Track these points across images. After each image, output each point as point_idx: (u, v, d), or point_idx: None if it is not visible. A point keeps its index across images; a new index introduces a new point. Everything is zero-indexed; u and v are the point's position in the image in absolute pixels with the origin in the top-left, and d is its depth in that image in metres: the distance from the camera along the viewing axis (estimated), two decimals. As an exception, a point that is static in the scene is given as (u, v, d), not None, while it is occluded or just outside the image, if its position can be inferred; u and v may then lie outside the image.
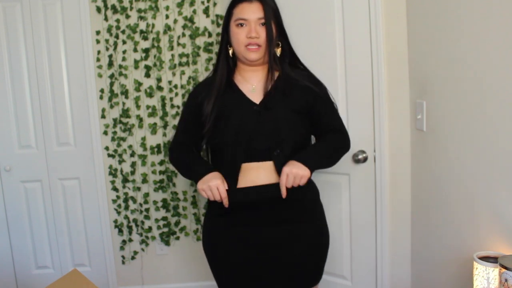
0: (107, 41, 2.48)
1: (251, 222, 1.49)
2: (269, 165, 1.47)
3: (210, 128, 1.49)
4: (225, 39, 1.52)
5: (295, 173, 1.40)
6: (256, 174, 1.48)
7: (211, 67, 2.48)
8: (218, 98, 1.49)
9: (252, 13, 1.43)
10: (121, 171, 2.59)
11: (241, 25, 1.44)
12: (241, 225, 1.49)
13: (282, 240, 1.49)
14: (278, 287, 1.52)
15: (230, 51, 1.51)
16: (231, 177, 1.47)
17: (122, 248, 2.66)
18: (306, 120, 1.53)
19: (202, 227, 1.64)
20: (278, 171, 1.45)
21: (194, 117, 1.55)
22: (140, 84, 2.52)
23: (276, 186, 1.45)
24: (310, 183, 1.60)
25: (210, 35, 2.48)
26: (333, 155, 1.56)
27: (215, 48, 2.47)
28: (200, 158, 1.57)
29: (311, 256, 1.56)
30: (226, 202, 1.44)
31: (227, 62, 1.53)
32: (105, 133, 2.56)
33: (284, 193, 1.42)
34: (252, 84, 1.52)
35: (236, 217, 1.50)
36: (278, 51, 1.52)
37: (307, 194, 1.57)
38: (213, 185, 1.41)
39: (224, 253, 1.53)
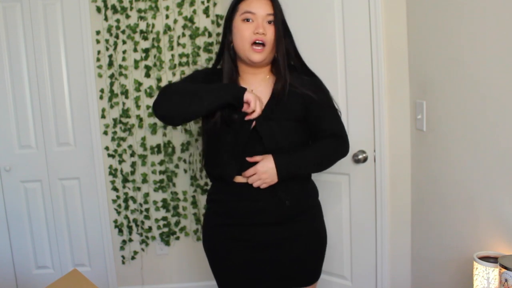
0: (107, 41, 2.48)
1: (250, 222, 1.48)
2: None
3: (215, 122, 1.45)
4: (228, 36, 1.46)
5: (262, 178, 1.40)
6: None
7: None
8: None
9: (261, 7, 1.38)
10: (121, 171, 2.59)
11: (248, 20, 1.39)
12: (240, 225, 1.49)
13: (281, 240, 1.49)
14: (277, 286, 1.53)
15: (232, 45, 1.45)
16: (230, 173, 1.47)
17: (122, 248, 2.66)
18: (303, 126, 1.50)
19: (202, 227, 1.64)
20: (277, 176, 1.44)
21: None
22: (140, 84, 2.52)
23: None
24: (310, 183, 1.60)
25: (210, 35, 2.48)
26: (323, 162, 1.50)
27: (215, 48, 2.47)
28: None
29: (310, 256, 1.55)
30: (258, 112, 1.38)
31: (231, 61, 1.47)
32: (105, 133, 2.56)
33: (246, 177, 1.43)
34: (252, 87, 1.47)
35: (235, 216, 1.49)
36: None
37: (307, 194, 1.56)
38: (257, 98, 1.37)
39: (223, 252, 1.52)
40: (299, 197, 1.51)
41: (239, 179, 1.47)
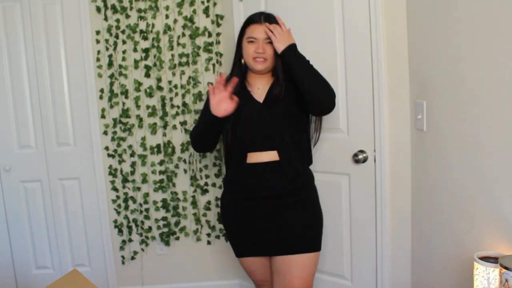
0: (107, 41, 2.48)
1: (257, 195, 1.81)
2: (273, 154, 1.79)
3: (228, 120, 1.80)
4: (239, 52, 1.87)
5: (280, 32, 1.75)
6: (261, 157, 1.81)
7: (211, 67, 2.49)
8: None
9: (261, 33, 1.79)
10: (121, 171, 2.59)
11: (252, 41, 1.80)
12: (249, 199, 1.84)
13: (281, 210, 1.81)
14: (281, 250, 1.81)
15: (243, 61, 1.86)
16: (241, 159, 1.83)
17: (122, 248, 2.66)
18: (302, 115, 1.86)
19: (219, 201, 2.08)
20: (280, 156, 1.79)
21: None
22: (140, 84, 2.52)
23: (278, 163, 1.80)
24: (307, 168, 1.90)
25: (210, 35, 2.48)
26: (319, 78, 1.75)
27: (215, 48, 2.48)
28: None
29: (306, 225, 1.83)
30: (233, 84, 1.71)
31: (240, 71, 1.87)
32: (105, 133, 2.56)
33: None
34: (258, 87, 1.87)
35: (245, 191, 1.84)
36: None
37: (304, 173, 1.87)
38: (218, 103, 1.70)
39: (236, 221, 1.89)
40: (299, 172, 1.83)
41: (250, 159, 1.81)
